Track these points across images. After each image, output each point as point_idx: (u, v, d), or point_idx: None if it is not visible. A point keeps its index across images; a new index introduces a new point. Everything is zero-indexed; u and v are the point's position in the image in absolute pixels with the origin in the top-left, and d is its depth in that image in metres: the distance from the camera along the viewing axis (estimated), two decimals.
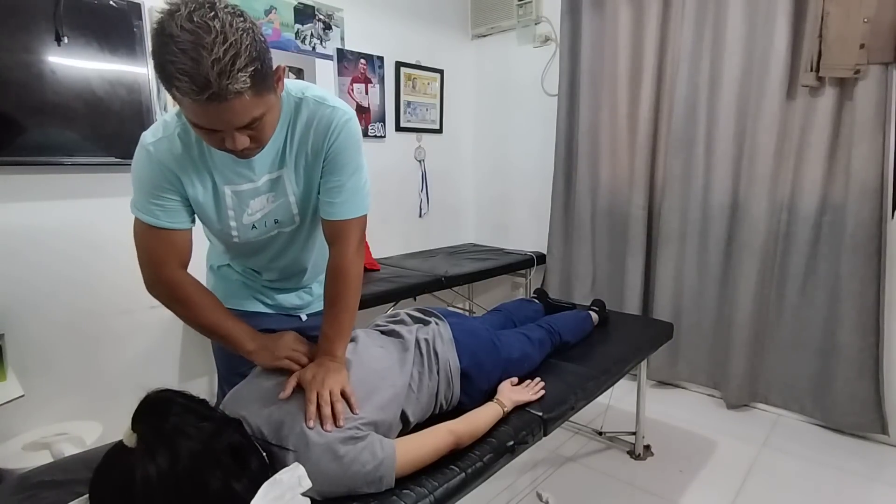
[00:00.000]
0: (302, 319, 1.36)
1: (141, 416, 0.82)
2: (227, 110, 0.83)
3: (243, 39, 0.80)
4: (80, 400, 1.92)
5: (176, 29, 0.77)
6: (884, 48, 1.90)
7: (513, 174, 3.30)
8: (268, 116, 0.92)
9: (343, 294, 1.14)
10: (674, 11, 2.45)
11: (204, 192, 1.07)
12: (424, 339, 1.27)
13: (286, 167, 1.10)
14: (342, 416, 0.99)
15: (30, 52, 1.68)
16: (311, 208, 1.18)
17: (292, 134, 1.07)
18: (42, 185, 1.79)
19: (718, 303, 2.44)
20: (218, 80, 0.78)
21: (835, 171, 2.10)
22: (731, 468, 1.96)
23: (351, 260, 1.14)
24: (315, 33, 2.52)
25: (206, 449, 0.83)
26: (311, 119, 1.07)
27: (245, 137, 0.90)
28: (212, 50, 0.77)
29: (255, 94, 0.85)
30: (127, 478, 0.77)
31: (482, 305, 3.32)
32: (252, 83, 0.83)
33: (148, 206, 1.04)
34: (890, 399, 2.07)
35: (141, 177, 1.03)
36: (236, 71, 0.79)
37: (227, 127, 0.87)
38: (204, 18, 0.78)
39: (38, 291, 1.81)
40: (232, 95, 0.81)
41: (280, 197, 1.12)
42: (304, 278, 1.34)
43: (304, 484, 0.88)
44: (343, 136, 1.09)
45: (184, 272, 1.11)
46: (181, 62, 0.77)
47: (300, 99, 1.06)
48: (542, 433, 1.32)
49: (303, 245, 1.25)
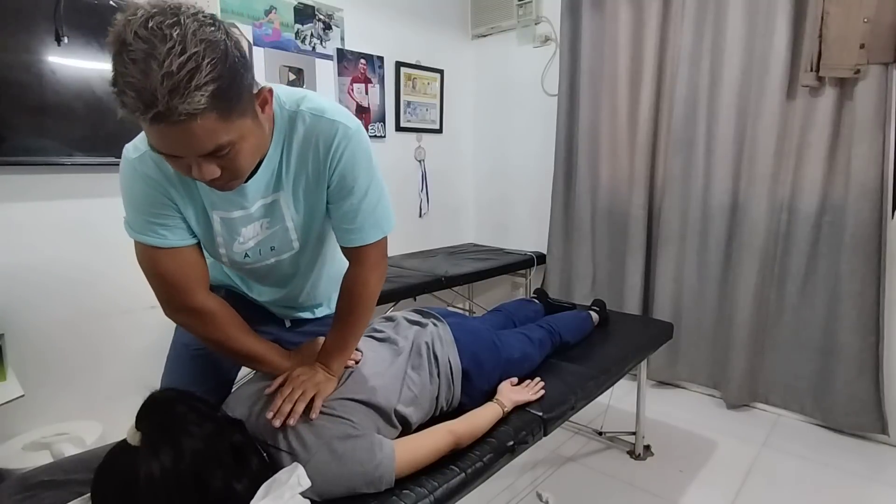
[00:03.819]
0: (286, 326, 1.28)
1: (145, 414, 0.83)
2: (182, 134, 0.71)
3: (207, 52, 0.68)
4: (80, 400, 1.92)
5: (130, 36, 0.66)
6: (884, 48, 1.89)
7: (513, 174, 3.30)
8: (242, 144, 0.79)
9: (353, 313, 1.09)
10: (674, 11, 2.45)
11: (194, 213, 0.96)
12: (425, 343, 1.26)
13: (283, 190, 0.97)
14: (296, 417, 0.97)
15: (30, 52, 1.68)
16: (313, 234, 1.07)
17: (288, 153, 0.94)
18: (42, 185, 1.79)
19: (718, 303, 2.44)
20: (167, 98, 0.67)
21: (835, 171, 2.09)
22: (731, 468, 1.96)
23: (366, 280, 1.07)
24: (315, 33, 2.52)
25: (209, 448, 0.83)
26: (308, 136, 0.94)
27: (213, 167, 0.78)
28: (163, 62, 0.66)
29: (219, 118, 0.73)
30: (130, 476, 0.78)
31: (482, 305, 3.32)
32: (212, 104, 0.70)
33: (149, 226, 0.93)
34: (890, 399, 2.07)
35: (133, 195, 0.92)
36: (192, 88, 0.67)
37: (186, 153, 0.75)
38: (161, 25, 0.67)
39: (38, 291, 1.81)
40: (184, 117, 0.69)
41: (276, 223, 1.01)
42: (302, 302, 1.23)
43: (303, 483, 0.89)
44: (348, 152, 0.95)
45: (212, 298, 1.03)
46: (130, 74, 0.67)
47: (294, 112, 0.93)
48: (542, 433, 1.32)
49: (305, 271, 1.15)
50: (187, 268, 0.98)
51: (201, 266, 1.02)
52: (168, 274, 0.97)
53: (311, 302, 1.26)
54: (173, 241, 0.95)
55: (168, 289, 0.99)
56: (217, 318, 1.03)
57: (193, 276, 0.99)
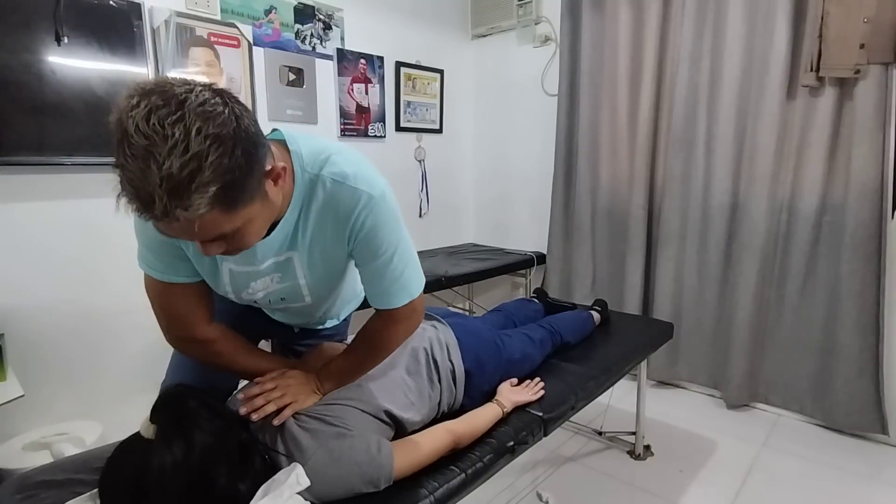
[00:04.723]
0: (294, 331, 1.29)
1: (160, 408, 0.84)
2: (183, 229, 0.69)
3: (212, 150, 0.64)
4: (80, 400, 1.92)
5: (131, 127, 0.63)
6: (884, 48, 1.89)
7: (513, 174, 3.30)
8: (248, 227, 0.76)
9: (368, 357, 1.08)
10: (674, 11, 2.45)
11: (198, 260, 0.94)
12: (423, 349, 1.25)
13: (297, 251, 0.94)
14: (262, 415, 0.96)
15: (30, 52, 1.68)
16: (326, 290, 1.05)
17: (306, 217, 0.90)
18: (42, 185, 1.79)
19: (718, 303, 2.44)
20: (166, 202, 0.63)
21: (835, 171, 2.09)
22: (731, 468, 1.96)
23: (390, 334, 1.05)
24: (315, 33, 2.52)
25: (219, 444, 0.85)
26: (328, 203, 0.89)
27: (218, 246, 0.76)
28: (163, 164, 0.62)
29: (222, 212, 0.70)
30: (141, 467, 0.79)
31: (482, 305, 3.32)
32: (215, 203, 0.67)
33: (158, 262, 0.93)
34: (890, 399, 2.07)
35: (143, 232, 0.92)
36: (192, 191, 0.64)
37: (187, 240, 0.75)
38: (164, 122, 0.63)
39: (38, 291, 1.81)
40: (182, 220, 0.66)
41: (288, 279, 0.98)
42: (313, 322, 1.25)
43: (301, 482, 0.89)
44: (370, 221, 0.91)
45: (214, 328, 1.03)
46: (129, 168, 0.63)
47: (316, 176, 0.88)
48: (542, 433, 1.32)
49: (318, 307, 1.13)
50: (191, 303, 0.98)
51: (206, 301, 1.01)
52: (171, 307, 0.98)
53: (322, 321, 1.27)
54: (180, 279, 0.96)
55: (170, 320, 1.00)
56: (217, 346, 1.04)
57: (197, 310, 1.00)
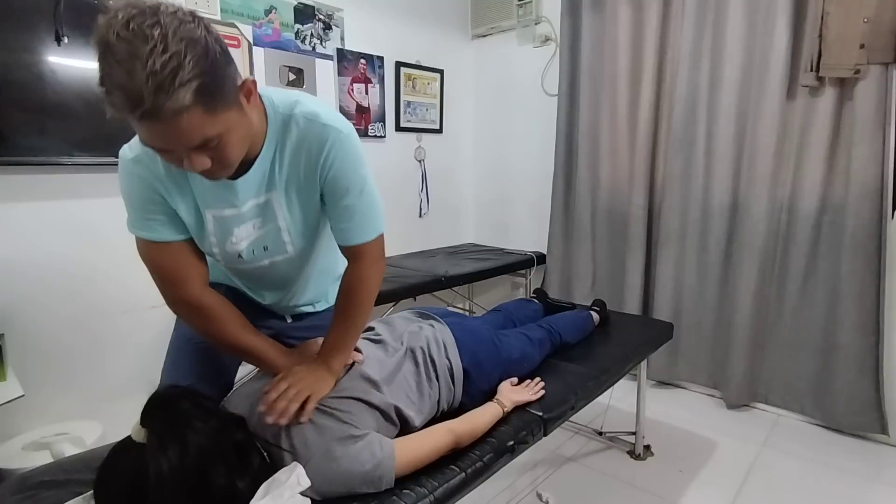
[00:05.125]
0: (287, 321, 1.30)
1: (151, 411, 0.83)
2: (170, 129, 0.74)
3: (188, 50, 0.71)
4: (80, 400, 1.92)
5: (112, 37, 0.68)
6: (884, 48, 1.90)
7: (513, 174, 3.30)
8: (229, 136, 0.82)
9: (353, 309, 1.11)
10: (674, 11, 2.45)
11: (187, 212, 0.99)
12: (420, 348, 1.26)
13: (275, 190, 1.00)
14: (287, 417, 0.97)
15: (30, 52, 1.69)
16: (305, 234, 1.09)
17: (281, 155, 0.98)
18: (42, 185, 1.79)
19: (718, 303, 2.44)
20: (153, 97, 0.69)
21: (835, 171, 2.09)
22: (731, 468, 1.96)
23: (365, 277, 1.10)
24: (315, 33, 2.52)
25: (213, 445, 0.84)
26: (301, 140, 0.97)
27: (204, 158, 0.81)
28: (147, 61, 0.68)
29: (204, 112, 0.76)
30: (137, 472, 0.78)
31: (482, 305, 3.32)
32: (196, 100, 0.73)
33: (144, 223, 0.98)
34: (890, 399, 2.07)
35: (130, 193, 0.97)
36: (176, 86, 0.70)
37: (175, 147, 0.78)
38: (142, 26, 0.69)
39: (38, 291, 1.81)
40: (170, 114, 0.72)
41: (268, 223, 1.04)
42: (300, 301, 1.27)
43: (302, 483, 0.89)
44: (340, 156, 0.98)
45: (208, 292, 1.06)
46: (115, 74, 0.69)
47: (289, 116, 0.96)
48: (542, 433, 1.32)
49: (300, 270, 1.18)
50: (181, 262, 1.02)
51: (196, 261, 1.05)
52: (162, 267, 1.02)
53: (309, 299, 1.28)
54: (166, 236, 0.99)
55: (164, 282, 1.04)
56: (214, 313, 1.06)
57: (187, 270, 1.03)
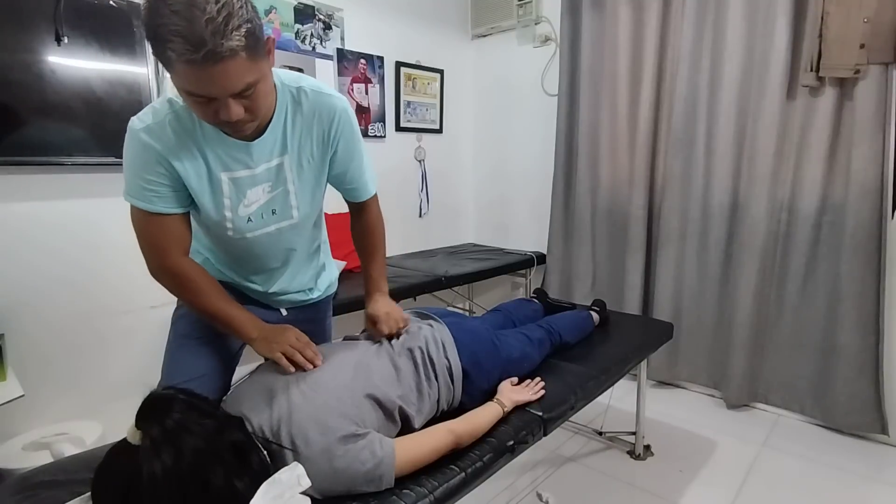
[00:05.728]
0: (282, 314, 1.35)
1: (145, 413, 0.83)
2: (221, 73, 0.83)
3: (235, 2, 0.81)
4: (80, 400, 1.92)
5: None
6: (884, 48, 1.90)
7: (513, 174, 3.30)
8: (262, 85, 0.92)
9: (378, 245, 1.35)
10: (674, 11, 2.45)
11: (198, 179, 1.05)
12: (418, 348, 1.25)
13: (287, 154, 1.10)
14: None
15: (30, 52, 1.69)
16: (310, 205, 1.19)
17: (293, 122, 1.08)
18: (42, 184, 1.79)
19: (718, 303, 2.44)
20: (213, 38, 0.79)
21: (835, 171, 2.10)
22: (731, 468, 1.96)
23: (377, 219, 1.35)
24: (315, 33, 2.52)
25: (210, 446, 0.83)
26: (313, 109, 1.09)
27: (239, 107, 0.91)
28: (204, 9, 0.78)
29: (249, 57, 0.85)
30: (132, 476, 0.77)
31: (482, 305, 3.32)
32: (247, 43, 0.83)
33: (142, 192, 1.03)
34: (890, 399, 2.07)
35: (133, 163, 1.02)
36: (230, 30, 0.80)
37: (221, 93, 0.87)
38: None
39: (38, 291, 1.81)
40: (227, 54, 0.81)
41: (278, 186, 1.13)
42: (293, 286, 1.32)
43: (303, 483, 0.89)
44: (346, 122, 1.15)
45: (187, 260, 1.12)
46: (174, 23, 0.78)
47: (298, 88, 1.08)
48: (542, 433, 1.32)
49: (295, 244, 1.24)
50: (168, 233, 1.08)
51: (184, 236, 1.12)
52: (150, 236, 1.08)
53: (301, 284, 1.34)
54: (160, 208, 1.04)
55: (149, 249, 1.09)
56: (193, 281, 1.11)
57: (173, 240, 1.10)
